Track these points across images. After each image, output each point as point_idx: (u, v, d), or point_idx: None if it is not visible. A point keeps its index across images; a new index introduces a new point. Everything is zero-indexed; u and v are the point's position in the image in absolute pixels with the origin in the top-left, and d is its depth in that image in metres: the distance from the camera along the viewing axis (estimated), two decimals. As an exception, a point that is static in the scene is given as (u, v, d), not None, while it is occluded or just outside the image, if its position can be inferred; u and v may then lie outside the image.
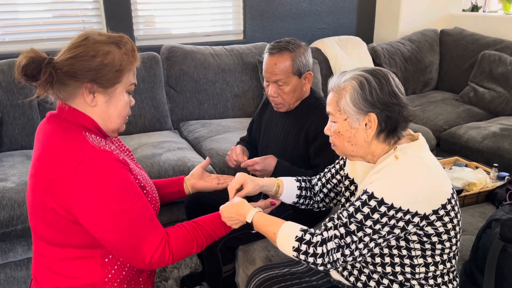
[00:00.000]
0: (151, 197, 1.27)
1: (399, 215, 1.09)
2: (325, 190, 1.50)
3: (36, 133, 1.23)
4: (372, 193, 1.11)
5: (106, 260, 1.20)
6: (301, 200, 1.48)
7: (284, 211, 1.71)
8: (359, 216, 1.11)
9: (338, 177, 1.46)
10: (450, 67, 3.76)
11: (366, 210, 1.11)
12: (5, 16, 2.77)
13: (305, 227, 1.19)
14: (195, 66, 2.98)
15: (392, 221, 1.09)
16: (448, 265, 1.21)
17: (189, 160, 2.34)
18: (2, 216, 1.90)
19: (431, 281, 1.20)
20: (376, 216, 1.09)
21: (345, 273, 1.29)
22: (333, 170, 1.48)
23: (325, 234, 1.14)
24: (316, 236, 1.15)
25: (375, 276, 1.23)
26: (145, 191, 1.24)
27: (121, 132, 1.28)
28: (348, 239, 1.12)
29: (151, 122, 2.84)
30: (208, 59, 3.03)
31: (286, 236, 1.18)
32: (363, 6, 3.92)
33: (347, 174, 1.40)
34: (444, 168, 2.24)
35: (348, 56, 3.49)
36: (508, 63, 3.22)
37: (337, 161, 1.48)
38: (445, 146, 3.01)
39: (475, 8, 4.25)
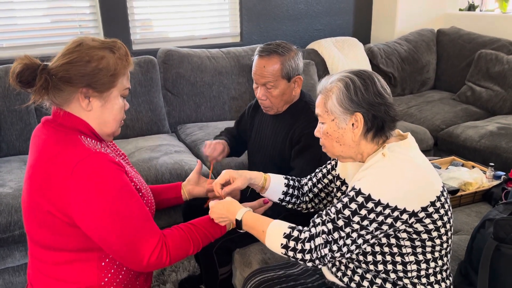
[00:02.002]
0: (147, 199, 1.28)
1: (387, 211, 1.10)
2: (315, 189, 1.51)
3: (32, 138, 1.24)
4: (360, 189, 1.12)
5: (103, 263, 1.21)
6: (287, 198, 1.49)
7: (279, 214, 1.71)
8: (346, 212, 1.12)
9: (329, 177, 1.47)
10: (447, 66, 3.76)
11: (353, 206, 1.12)
12: (2, 22, 2.78)
13: (293, 225, 1.20)
14: (191, 69, 2.99)
15: (380, 217, 1.10)
16: (440, 262, 1.21)
17: (186, 164, 2.35)
18: (-1, 221, 1.91)
19: (423, 280, 1.21)
20: (363, 212, 1.11)
21: (339, 274, 1.30)
22: (324, 170, 1.49)
23: (313, 230, 1.16)
24: (304, 232, 1.16)
25: (368, 276, 1.24)
26: (140, 194, 1.25)
27: (118, 135, 1.30)
28: (336, 235, 1.13)
29: (148, 125, 2.85)
30: (204, 62, 3.04)
31: (274, 233, 1.19)
32: (360, 7, 3.93)
33: (338, 174, 1.42)
34: (440, 168, 2.25)
35: (345, 57, 3.50)
36: (505, 61, 3.23)
37: (328, 161, 1.49)
38: (442, 146, 3.02)
39: (471, 7, 4.25)
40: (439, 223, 1.15)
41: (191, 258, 2.29)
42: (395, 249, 1.18)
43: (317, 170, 1.53)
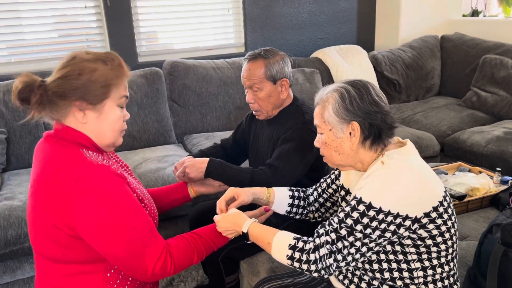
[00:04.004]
0: (150, 210, 1.30)
1: (389, 218, 1.10)
2: (321, 199, 1.52)
3: (34, 152, 1.26)
4: (360, 198, 1.14)
5: (108, 274, 1.22)
6: (294, 210, 1.51)
7: (285, 221, 1.72)
8: (349, 221, 1.13)
9: (334, 186, 1.49)
10: (452, 72, 3.77)
11: (355, 215, 1.13)
12: (11, 37, 2.83)
13: (298, 235, 1.21)
14: (197, 80, 3.02)
15: (383, 225, 1.11)
16: (447, 268, 1.21)
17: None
18: (9, 234, 1.93)
19: (431, 286, 1.21)
20: (365, 220, 1.12)
21: (346, 281, 1.30)
22: (328, 180, 1.50)
23: (317, 240, 1.17)
24: (309, 243, 1.17)
25: (375, 282, 1.24)
26: (143, 204, 1.27)
27: (125, 146, 1.31)
28: (340, 244, 1.14)
29: (155, 136, 2.87)
30: (210, 73, 3.07)
31: (280, 245, 1.20)
32: (363, 15, 3.96)
33: (342, 184, 1.43)
34: (447, 173, 2.25)
35: (349, 65, 3.52)
36: (510, 66, 3.22)
37: (332, 171, 1.51)
38: (449, 152, 3.01)
39: (475, 13, 4.26)
40: (443, 228, 1.16)
41: (199, 268, 2.30)
42: (401, 256, 1.18)
43: (321, 180, 1.54)
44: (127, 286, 1.25)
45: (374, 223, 1.11)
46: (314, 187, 1.56)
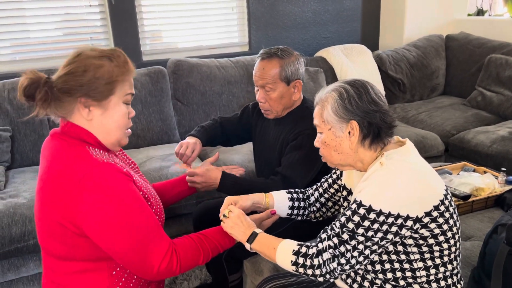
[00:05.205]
0: (156, 208, 1.30)
1: (390, 220, 1.10)
2: (322, 199, 1.52)
3: (42, 150, 1.26)
4: (360, 201, 1.14)
5: (114, 272, 1.22)
6: (295, 211, 1.51)
7: (288, 221, 1.72)
8: (350, 225, 1.14)
9: (335, 186, 1.49)
10: (457, 72, 3.75)
11: (356, 218, 1.13)
12: (16, 35, 2.84)
13: (302, 242, 1.22)
14: (201, 79, 3.02)
15: (384, 227, 1.11)
16: (450, 267, 1.21)
17: (196, 172, 2.36)
18: (14, 231, 1.94)
19: (434, 285, 1.20)
20: (366, 223, 1.12)
21: (349, 280, 1.30)
22: (330, 180, 1.50)
23: (320, 245, 1.17)
24: (312, 248, 1.18)
25: (378, 281, 1.24)
26: (149, 203, 1.27)
27: (129, 145, 1.31)
28: (342, 248, 1.14)
29: (159, 135, 2.87)
30: (213, 72, 3.07)
31: (284, 251, 1.21)
32: (368, 14, 3.94)
33: (344, 184, 1.43)
34: (451, 173, 2.24)
35: (353, 64, 3.51)
36: (515, 66, 3.21)
37: (333, 170, 1.50)
38: (454, 152, 3.00)
39: (480, 12, 4.24)
40: (445, 227, 1.15)
41: (202, 266, 2.30)
42: (403, 256, 1.18)
43: (322, 180, 1.54)
44: (132, 284, 1.26)
45: (376, 226, 1.11)
46: (314, 187, 1.56)
